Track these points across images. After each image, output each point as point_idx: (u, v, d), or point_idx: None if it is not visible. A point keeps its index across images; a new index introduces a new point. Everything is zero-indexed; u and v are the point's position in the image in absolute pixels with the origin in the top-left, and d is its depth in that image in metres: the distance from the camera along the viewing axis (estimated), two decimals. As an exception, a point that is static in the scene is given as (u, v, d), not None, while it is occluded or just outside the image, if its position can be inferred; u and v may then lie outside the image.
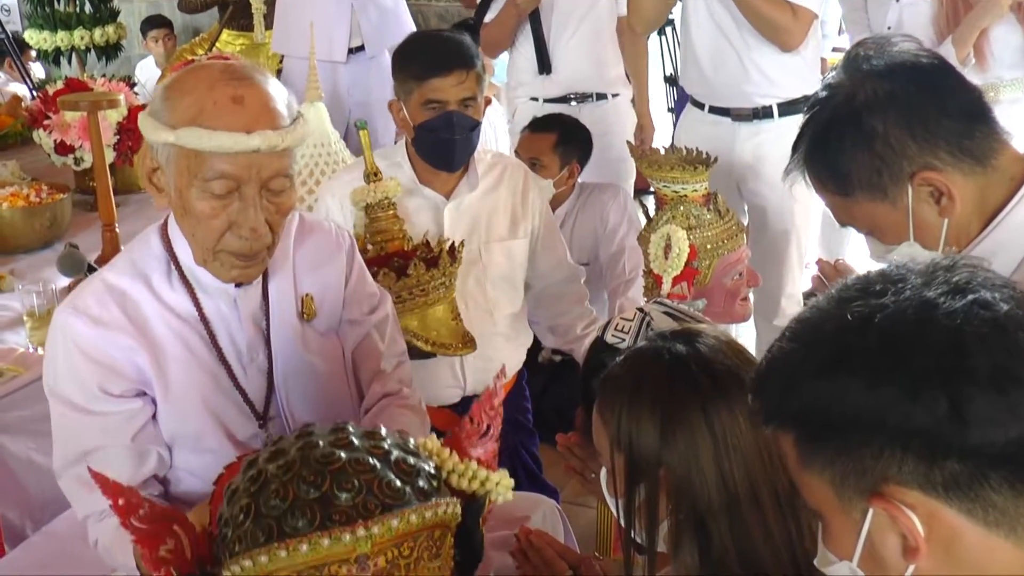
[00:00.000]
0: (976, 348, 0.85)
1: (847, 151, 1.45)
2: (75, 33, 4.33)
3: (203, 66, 1.54)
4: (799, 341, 0.94)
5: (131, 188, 3.49)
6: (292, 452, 1.10)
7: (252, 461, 1.13)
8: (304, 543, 1.03)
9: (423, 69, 2.36)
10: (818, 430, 0.91)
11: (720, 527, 1.25)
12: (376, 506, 1.06)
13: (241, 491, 1.10)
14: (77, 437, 1.55)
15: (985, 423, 0.84)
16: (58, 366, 1.55)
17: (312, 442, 1.11)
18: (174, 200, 1.50)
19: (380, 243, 2.23)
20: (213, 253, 1.52)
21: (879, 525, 0.89)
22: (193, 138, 1.42)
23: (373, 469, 1.08)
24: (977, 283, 0.89)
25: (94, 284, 1.57)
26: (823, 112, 1.50)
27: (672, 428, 1.26)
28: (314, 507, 1.05)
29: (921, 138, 1.41)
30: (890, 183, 1.44)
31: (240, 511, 1.08)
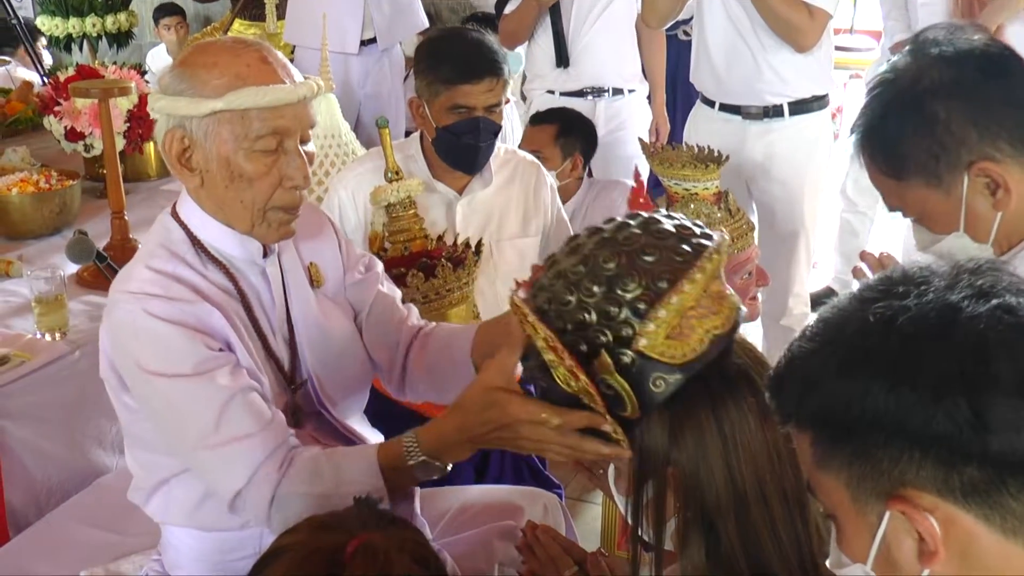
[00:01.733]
0: (1000, 354, 0.84)
1: (906, 134, 1.43)
2: (87, 20, 4.32)
3: (208, 43, 1.57)
4: (819, 341, 0.93)
5: (140, 176, 3.49)
6: (589, 244, 1.24)
7: (554, 260, 1.27)
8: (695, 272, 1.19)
9: (455, 74, 2.35)
10: (836, 431, 0.90)
11: (728, 526, 1.24)
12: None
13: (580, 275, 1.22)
14: (207, 401, 1.48)
15: (1007, 430, 0.83)
16: (150, 349, 1.49)
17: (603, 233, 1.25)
18: (216, 172, 1.52)
19: (402, 242, 2.22)
20: (263, 214, 1.56)
21: (895, 528, 0.88)
22: (246, 98, 1.47)
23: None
24: (1002, 287, 0.88)
25: (142, 273, 1.54)
26: (886, 93, 1.48)
27: (681, 427, 1.25)
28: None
29: (983, 127, 1.40)
30: (946, 171, 1.42)
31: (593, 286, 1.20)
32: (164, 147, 1.53)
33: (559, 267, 1.26)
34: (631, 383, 1.21)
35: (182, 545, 1.70)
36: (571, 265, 1.24)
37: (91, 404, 2.39)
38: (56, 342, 2.39)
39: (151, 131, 3.30)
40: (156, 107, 1.52)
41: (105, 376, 1.61)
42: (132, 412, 1.59)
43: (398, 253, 2.14)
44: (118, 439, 2.45)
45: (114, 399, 1.62)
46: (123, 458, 2.44)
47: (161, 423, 1.54)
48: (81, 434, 2.39)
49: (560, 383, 1.24)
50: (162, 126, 1.53)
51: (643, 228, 1.24)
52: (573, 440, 1.30)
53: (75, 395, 2.37)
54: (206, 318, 1.52)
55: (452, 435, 1.43)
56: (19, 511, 2.26)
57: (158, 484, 1.64)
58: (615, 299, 1.20)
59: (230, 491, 1.50)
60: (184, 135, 1.51)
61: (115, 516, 2.19)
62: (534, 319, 1.22)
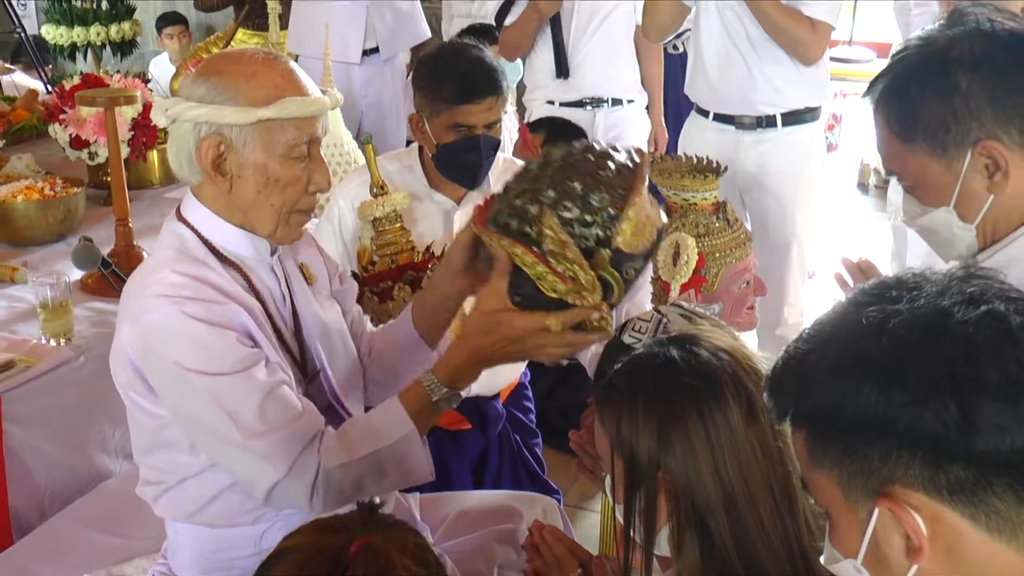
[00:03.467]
0: (987, 358, 0.86)
1: (925, 98, 1.43)
2: (91, 29, 4.35)
3: (234, 54, 1.63)
4: (815, 342, 0.96)
5: (143, 184, 3.52)
6: (548, 171, 1.50)
7: (508, 189, 1.54)
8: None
9: (456, 95, 2.37)
10: (829, 430, 0.93)
11: (720, 526, 1.28)
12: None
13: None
14: (247, 397, 1.53)
15: (992, 431, 0.85)
16: (191, 349, 1.52)
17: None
18: (249, 177, 1.58)
19: (390, 255, 2.25)
20: (288, 216, 1.63)
21: (884, 525, 0.91)
22: (294, 108, 1.55)
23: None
24: (991, 294, 0.90)
25: (169, 277, 1.56)
26: (914, 56, 1.47)
27: (669, 432, 1.29)
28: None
29: (1000, 108, 1.40)
30: (953, 142, 1.42)
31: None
32: (199, 154, 1.57)
33: (517, 193, 1.52)
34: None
35: (185, 543, 1.72)
36: (537, 189, 1.50)
37: (95, 409, 2.42)
38: (61, 347, 2.41)
39: (155, 139, 3.33)
40: (189, 115, 1.55)
41: (124, 382, 1.62)
42: (154, 416, 1.62)
43: (386, 267, 2.16)
44: (121, 444, 2.48)
45: (132, 405, 1.64)
46: (126, 462, 2.47)
47: (198, 422, 1.56)
48: (85, 438, 2.41)
49: (546, 291, 1.47)
50: (189, 134, 1.56)
51: (587, 153, 1.52)
52: (571, 337, 1.51)
53: (79, 400, 2.39)
54: (235, 317, 1.57)
55: (466, 362, 1.58)
56: (23, 514, 2.28)
57: (175, 483, 1.67)
58: (591, 209, 1.46)
59: (269, 483, 1.55)
60: (221, 142, 1.56)
61: (118, 520, 2.22)
62: (512, 242, 1.48)
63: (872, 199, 6.18)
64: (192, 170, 1.59)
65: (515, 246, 1.47)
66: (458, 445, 2.58)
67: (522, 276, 1.50)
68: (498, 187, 2.57)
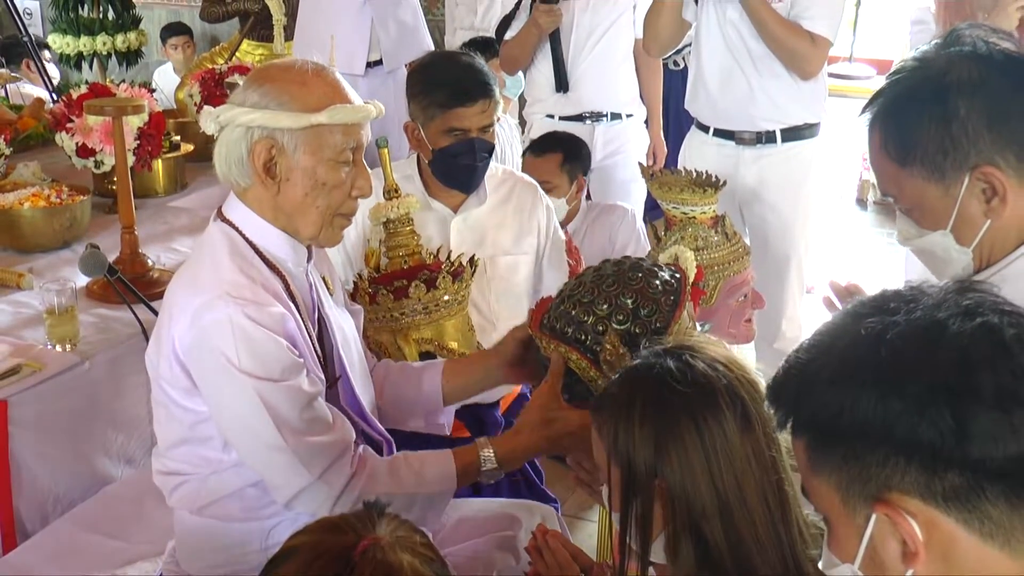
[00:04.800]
0: (982, 368, 0.89)
1: (923, 122, 1.43)
2: (98, 39, 4.39)
3: (285, 64, 1.71)
4: (815, 352, 0.98)
5: (148, 192, 3.55)
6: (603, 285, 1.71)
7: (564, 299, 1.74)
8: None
9: (449, 98, 2.42)
10: (828, 437, 0.96)
11: (715, 532, 1.31)
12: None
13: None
14: (291, 405, 1.61)
15: (986, 440, 0.88)
16: (245, 350, 1.58)
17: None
18: (298, 180, 1.66)
19: (402, 257, 2.25)
20: (332, 219, 1.71)
21: (881, 530, 0.93)
22: (344, 114, 1.64)
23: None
24: (986, 307, 0.93)
25: (230, 277, 1.62)
26: (910, 79, 1.47)
27: (666, 441, 1.32)
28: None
29: (997, 134, 1.40)
30: (951, 167, 1.42)
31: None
32: (251, 157, 1.64)
33: (573, 304, 1.71)
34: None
35: (194, 537, 1.77)
36: (592, 301, 1.69)
37: (99, 414, 2.44)
38: (66, 353, 2.43)
39: (160, 149, 3.36)
40: (243, 120, 1.63)
41: (165, 376, 1.67)
42: (190, 412, 1.67)
43: (398, 267, 2.18)
44: (125, 449, 2.50)
45: (167, 399, 1.69)
46: (129, 467, 2.49)
47: (241, 421, 1.62)
48: (88, 443, 2.43)
49: (596, 392, 1.62)
50: (240, 138, 1.64)
51: (637, 271, 1.72)
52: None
53: (84, 405, 2.41)
54: (285, 323, 1.63)
55: (522, 452, 1.78)
56: (27, 518, 2.29)
57: (199, 477, 1.72)
58: (641, 323, 1.67)
59: (298, 487, 1.62)
60: (273, 145, 1.63)
61: (121, 524, 2.24)
62: (569, 348, 1.69)
63: (871, 215, 6.22)
64: (242, 173, 1.66)
65: (571, 352, 1.68)
66: (456, 454, 2.61)
67: (574, 378, 1.71)
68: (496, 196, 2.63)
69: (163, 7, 7.13)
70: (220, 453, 1.68)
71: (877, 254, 4.99)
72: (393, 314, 2.16)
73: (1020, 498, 0.89)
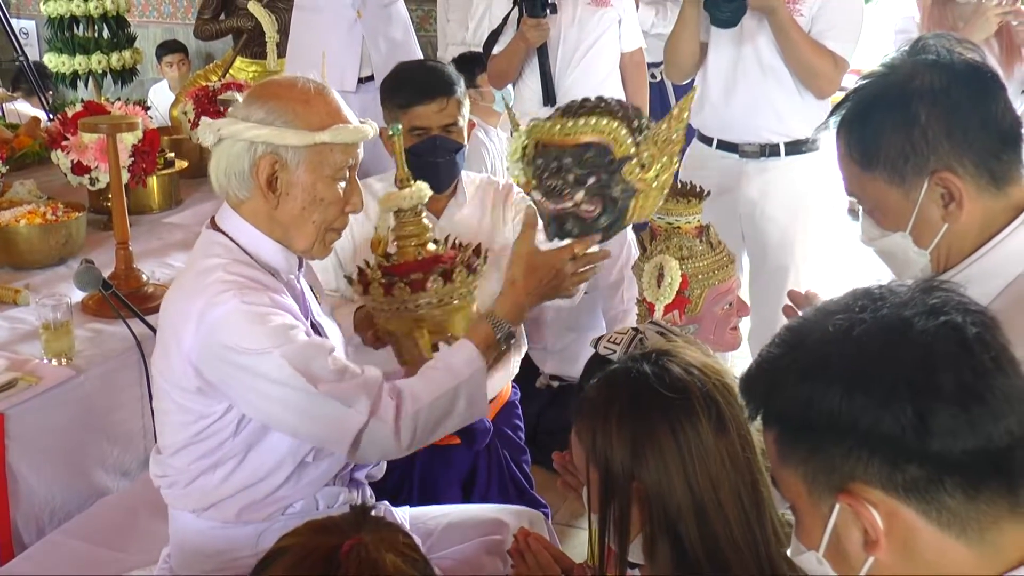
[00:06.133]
0: (944, 366, 0.93)
1: (886, 128, 1.48)
2: (93, 57, 4.42)
3: (288, 81, 1.76)
4: (786, 346, 1.03)
5: (143, 209, 3.59)
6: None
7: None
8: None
9: (406, 98, 2.52)
10: (796, 429, 1.00)
11: (690, 533, 1.34)
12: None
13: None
14: (316, 355, 1.68)
15: (945, 434, 0.92)
16: (259, 329, 1.64)
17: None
18: (297, 195, 1.71)
19: (414, 247, 2.16)
20: (324, 233, 1.78)
21: (844, 520, 0.97)
22: (346, 134, 1.71)
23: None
24: (951, 307, 0.97)
25: (225, 276, 1.68)
26: (876, 85, 1.52)
27: (642, 444, 1.36)
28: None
29: (956, 141, 1.45)
30: (911, 172, 1.47)
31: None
32: (255, 171, 1.69)
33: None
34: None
35: (189, 542, 1.81)
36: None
37: (94, 427, 2.47)
38: (62, 367, 2.46)
39: (154, 166, 3.40)
40: (248, 136, 1.68)
41: (182, 382, 1.71)
42: (202, 414, 1.72)
43: (411, 257, 2.13)
44: (120, 461, 2.53)
45: (189, 403, 1.73)
46: (124, 479, 2.53)
47: (275, 393, 1.67)
48: (84, 456, 2.46)
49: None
50: (243, 152, 1.69)
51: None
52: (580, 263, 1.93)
53: (79, 418, 2.44)
54: (291, 308, 1.71)
55: (523, 299, 1.89)
56: (23, 529, 2.32)
57: (205, 470, 1.76)
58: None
59: (357, 426, 1.68)
60: (276, 161, 1.69)
61: (115, 534, 2.26)
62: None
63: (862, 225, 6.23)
64: (242, 185, 1.71)
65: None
66: (447, 460, 2.63)
67: (555, 223, 1.95)
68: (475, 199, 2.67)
69: (158, 25, 7.20)
70: (223, 453, 1.73)
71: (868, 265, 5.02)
72: (408, 305, 2.08)
73: (977, 490, 0.93)
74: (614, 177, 2.00)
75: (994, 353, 0.95)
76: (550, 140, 2.00)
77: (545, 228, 2.01)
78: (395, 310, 2.04)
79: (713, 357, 1.62)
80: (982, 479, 0.93)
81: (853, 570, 0.98)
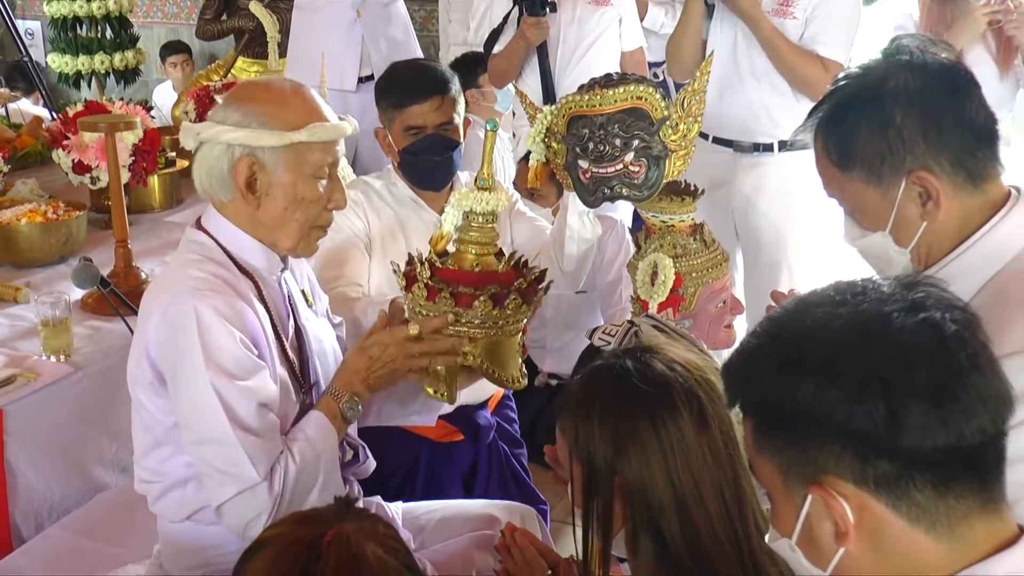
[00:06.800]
0: (919, 363, 0.94)
1: (861, 129, 1.50)
2: (96, 58, 4.46)
3: (264, 83, 1.78)
4: (765, 337, 1.04)
5: (144, 208, 3.62)
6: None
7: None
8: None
9: (401, 97, 2.52)
10: (772, 420, 1.01)
11: (672, 528, 1.35)
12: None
13: None
14: (244, 400, 1.64)
15: (916, 431, 0.93)
16: (210, 343, 1.63)
17: None
18: (278, 195, 1.72)
19: (475, 255, 1.93)
20: (309, 231, 1.78)
21: (816, 511, 0.99)
22: (323, 132, 1.70)
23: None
24: (931, 303, 0.98)
25: (196, 274, 1.68)
26: (851, 86, 1.54)
27: (624, 440, 1.37)
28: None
29: (931, 140, 1.46)
30: (888, 172, 1.49)
31: None
32: (233, 174, 1.70)
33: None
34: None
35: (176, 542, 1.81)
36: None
37: (92, 423, 2.49)
38: (60, 363, 2.48)
39: (155, 165, 3.42)
40: (226, 138, 1.68)
41: (138, 377, 1.72)
42: (161, 417, 1.72)
43: (468, 265, 1.91)
44: (118, 457, 2.55)
45: (145, 397, 1.73)
46: (122, 475, 2.54)
47: (195, 411, 1.65)
48: (82, 451, 2.48)
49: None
50: (222, 155, 1.70)
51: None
52: (425, 346, 1.78)
53: (77, 414, 2.46)
54: (248, 317, 1.68)
55: (351, 370, 1.80)
56: (22, 524, 2.34)
57: (177, 482, 1.76)
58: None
59: (239, 486, 1.63)
60: (254, 162, 1.70)
61: (113, 529, 2.28)
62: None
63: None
64: (223, 188, 1.72)
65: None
66: (450, 456, 2.66)
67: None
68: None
69: (162, 25, 7.22)
70: (188, 460, 1.72)
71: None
72: (448, 316, 1.87)
73: (947, 486, 0.95)
74: (654, 138, 2.13)
75: (971, 351, 0.96)
76: (588, 111, 2.10)
77: (590, 196, 2.12)
78: (432, 319, 1.85)
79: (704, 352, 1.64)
80: (953, 476, 0.95)
81: (824, 559, 1.00)
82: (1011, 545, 0.96)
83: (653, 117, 2.18)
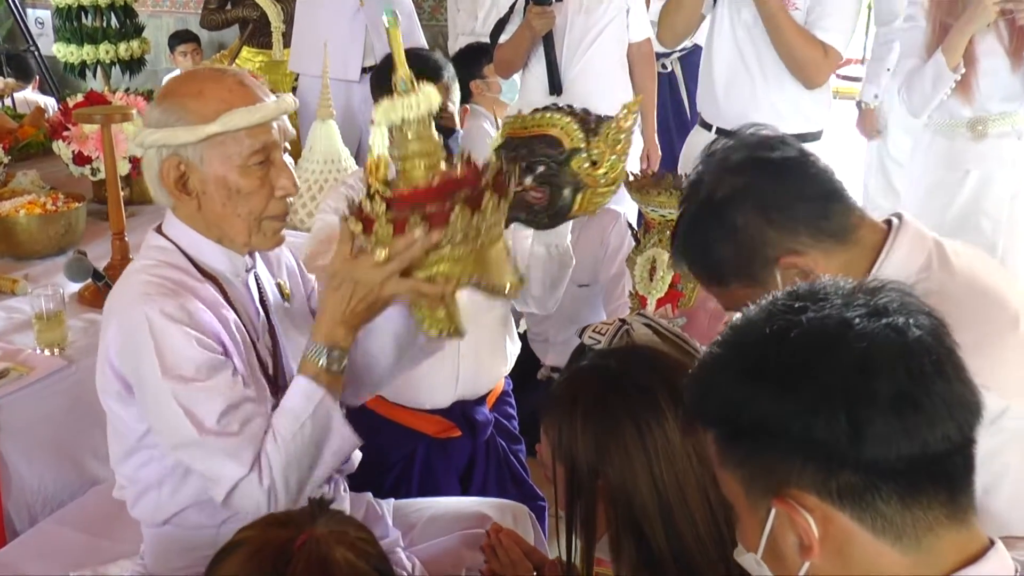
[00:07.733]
0: (880, 370, 0.91)
1: (713, 245, 1.51)
2: (101, 47, 4.45)
3: (187, 75, 1.72)
4: (725, 347, 1.01)
5: (146, 199, 3.58)
6: None
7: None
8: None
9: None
10: (732, 432, 0.98)
11: (655, 532, 1.33)
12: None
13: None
14: (208, 401, 1.57)
15: (879, 442, 0.90)
16: (166, 349, 1.57)
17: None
18: (213, 192, 1.64)
19: (423, 168, 1.65)
20: (259, 224, 1.68)
21: (780, 524, 0.96)
22: (239, 118, 1.60)
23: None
24: (895, 308, 0.95)
25: (149, 279, 1.63)
26: (689, 211, 1.57)
27: (606, 442, 1.35)
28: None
29: (779, 225, 1.47)
30: (759, 269, 1.49)
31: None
32: (161, 176, 1.64)
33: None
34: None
35: (158, 543, 1.80)
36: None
37: (86, 416, 2.46)
38: (54, 357, 2.47)
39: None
40: (148, 141, 1.63)
41: (106, 387, 1.69)
42: (131, 424, 1.68)
43: (424, 181, 1.64)
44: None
45: (115, 406, 1.70)
46: (117, 469, 2.54)
47: (162, 418, 1.60)
48: (75, 445, 2.46)
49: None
50: (153, 158, 1.64)
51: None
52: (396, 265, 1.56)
53: (71, 408, 2.44)
54: (207, 319, 1.62)
55: (328, 317, 1.62)
56: (15, 518, 2.34)
57: (151, 485, 1.74)
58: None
59: (232, 480, 1.57)
60: (180, 162, 1.63)
61: (105, 523, 2.27)
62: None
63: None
64: (162, 193, 1.67)
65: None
66: (447, 453, 2.64)
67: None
68: None
69: (171, 15, 7.22)
70: (168, 462, 1.69)
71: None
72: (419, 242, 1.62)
73: (912, 496, 0.92)
74: (563, 168, 2.13)
75: (935, 356, 0.93)
76: (513, 133, 2.18)
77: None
78: (398, 239, 1.58)
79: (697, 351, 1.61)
80: (918, 486, 0.92)
81: (790, 573, 0.97)
82: (978, 559, 0.94)
83: (565, 147, 2.18)
